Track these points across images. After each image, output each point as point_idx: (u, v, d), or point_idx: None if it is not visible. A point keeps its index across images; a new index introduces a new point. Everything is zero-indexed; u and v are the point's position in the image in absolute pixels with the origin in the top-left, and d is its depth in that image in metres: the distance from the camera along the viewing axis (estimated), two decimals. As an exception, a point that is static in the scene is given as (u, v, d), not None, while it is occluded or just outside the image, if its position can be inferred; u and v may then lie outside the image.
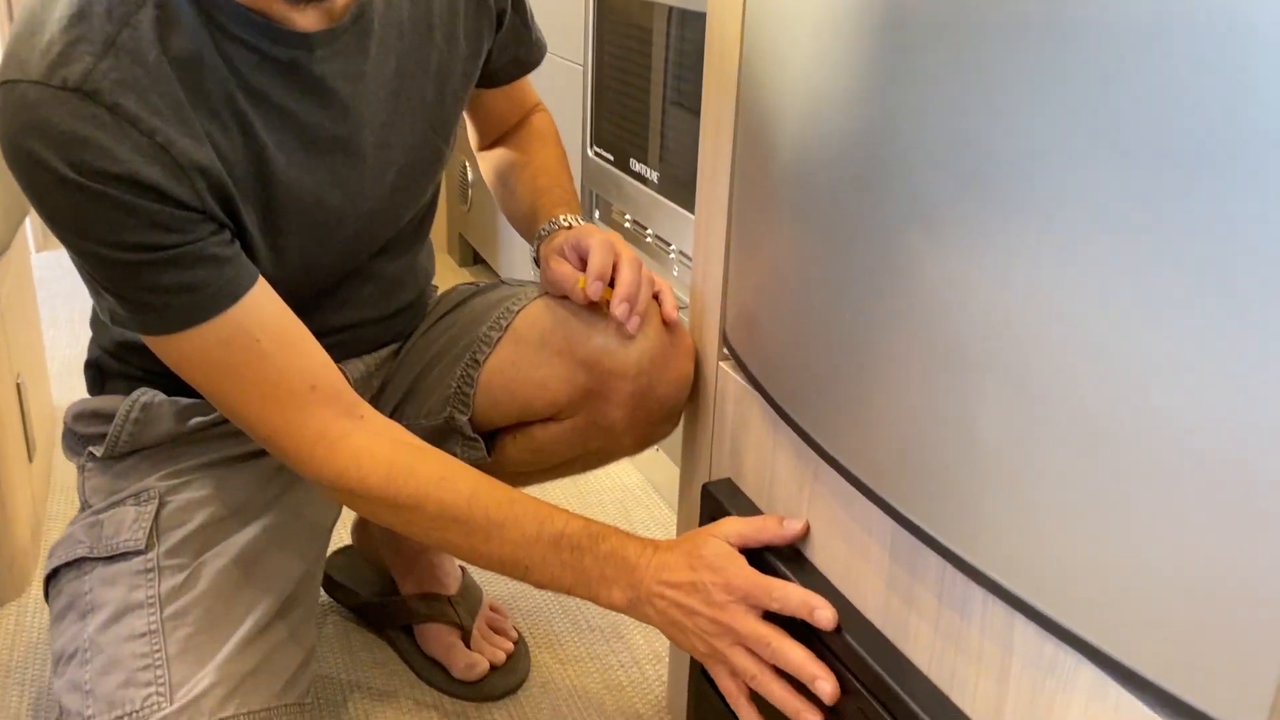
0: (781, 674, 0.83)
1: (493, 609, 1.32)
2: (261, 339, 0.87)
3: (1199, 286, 0.49)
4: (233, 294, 0.85)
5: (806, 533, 0.86)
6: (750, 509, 0.94)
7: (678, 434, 1.10)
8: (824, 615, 0.80)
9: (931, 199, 0.63)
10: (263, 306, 0.88)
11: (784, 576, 0.85)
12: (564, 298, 1.03)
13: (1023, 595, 0.62)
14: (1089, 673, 0.60)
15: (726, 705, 0.98)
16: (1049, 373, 0.57)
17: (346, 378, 1.11)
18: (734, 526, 0.88)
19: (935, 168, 0.62)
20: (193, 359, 0.87)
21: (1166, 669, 0.54)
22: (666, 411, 1.02)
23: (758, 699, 0.87)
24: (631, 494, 1.66)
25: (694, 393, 1.03)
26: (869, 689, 0.76)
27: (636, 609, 0.88)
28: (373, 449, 0.91)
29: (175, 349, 0.87)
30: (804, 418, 0.81)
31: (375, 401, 1.14)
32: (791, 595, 0.82)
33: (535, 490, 1.61)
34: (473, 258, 2.70)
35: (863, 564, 0.79)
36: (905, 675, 0.74)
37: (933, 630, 0.73)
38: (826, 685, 0.80)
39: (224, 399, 0.89)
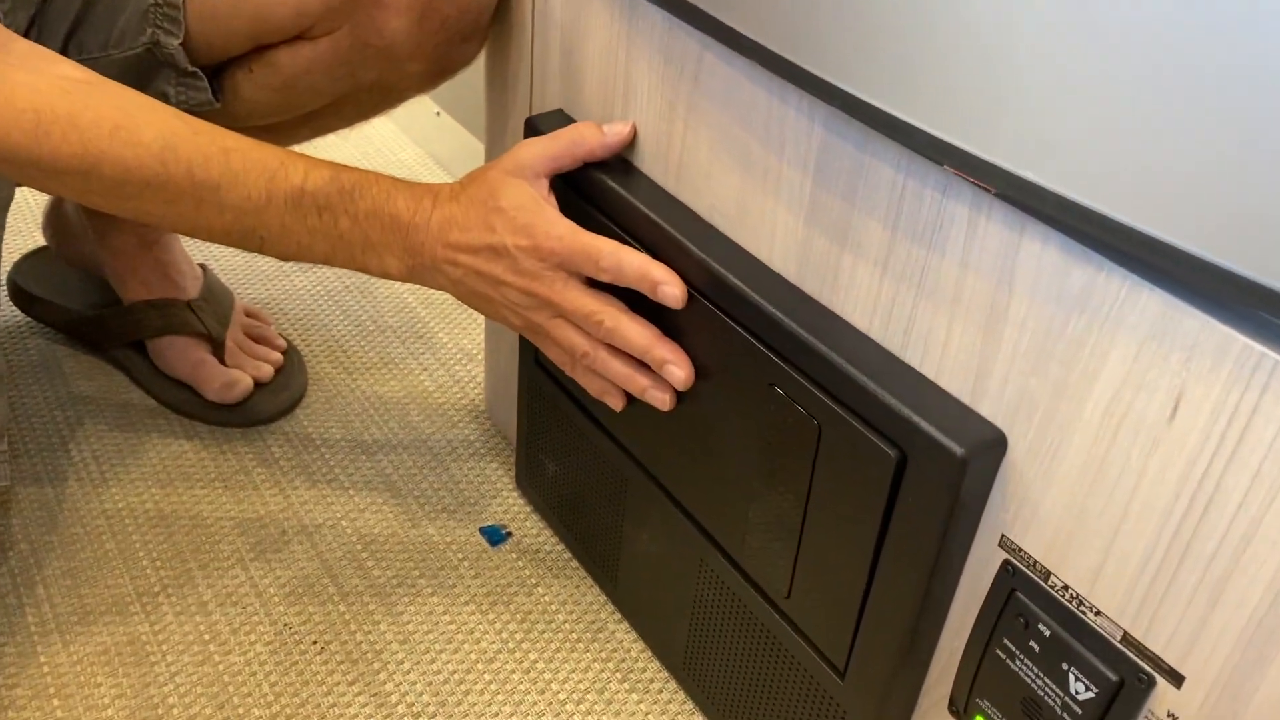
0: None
1: (249, 314, 1.05)
2: None
3: None
4: None
5: (634, 135, 0.66)
6: (595, 145, 0.69)
7: (473, 79, 0.83)
8: (670, 291, 0.61)
9: None
10: None
11: (641, 236, 0.63)
12: None
13: (1053, 187, 0.42)
14: (1148, 301, 0.42)
15: (568, 394, 0.78)
16: None
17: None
18: (536, 149, 0.66)
19: None
20: None
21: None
22: (467, 21, 0.74)
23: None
24: (409, 171, 1.37)
25: (504, -7, 0.75)
26: (782, 356, 0.57)
27: (421, 277, 0.68)
28: (11, 93, 0.61)
29: None
30: (688, -14, 0.56)
31: (35, 34, 0.79)
32: (627, 263, 0.62)
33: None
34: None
35: (769, 199, 0.58)
36: (834, 335, 0.55)
37: (878, 275, 0.53)
38: (679, 371, 0.63)
39: None
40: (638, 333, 0.64)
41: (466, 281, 0.66)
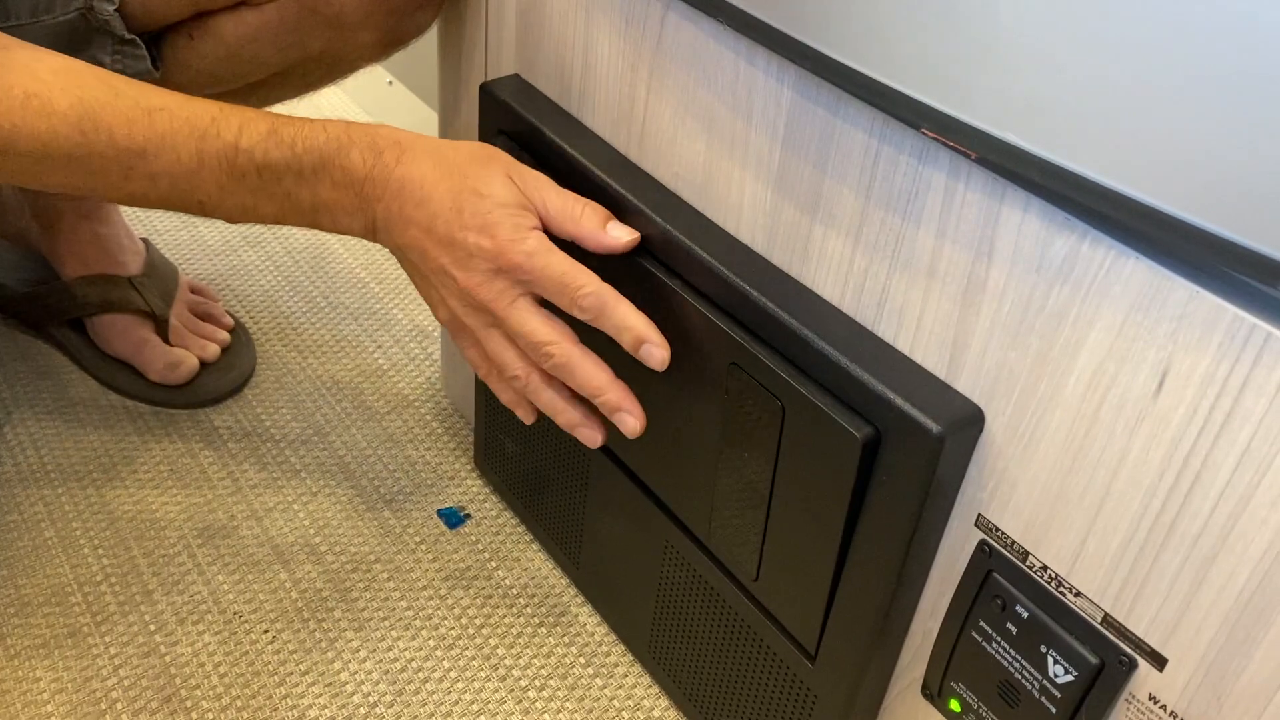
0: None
1: (195, 291, 1.01)
2: None
3: None
4: None
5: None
6: (553, 113, 0.67)
7: (427, 46, 0.79)
8: (655, 354, 0.57)
9: None
10: None
11: (601, 205, 0.60)
12: None
13: (1036, 150, 0.40)
14: (1134, 270, 0.40)
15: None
16: None
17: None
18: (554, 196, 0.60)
19: None
20: None
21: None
22: (420, -17, 0.71)
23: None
24: (363, 145, 1.33)
25: (457, -47, 0.72)
26: (750, 331, 0.55)
27: (380, 236, 0.61)
28: None
29: None
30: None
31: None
32: (611, 310, 0.57)
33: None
34: None
35: (736, 167, 0.55)
36: (804, 308, 0.53)
37: (850, 245, 0.51)
38: (634, 421, 0.59)
39: None
40: (591, 374, 0.58)
41: (409, 255, 0.61)
